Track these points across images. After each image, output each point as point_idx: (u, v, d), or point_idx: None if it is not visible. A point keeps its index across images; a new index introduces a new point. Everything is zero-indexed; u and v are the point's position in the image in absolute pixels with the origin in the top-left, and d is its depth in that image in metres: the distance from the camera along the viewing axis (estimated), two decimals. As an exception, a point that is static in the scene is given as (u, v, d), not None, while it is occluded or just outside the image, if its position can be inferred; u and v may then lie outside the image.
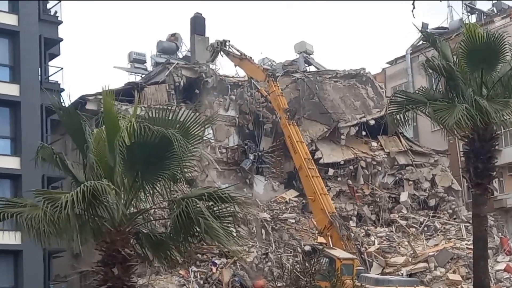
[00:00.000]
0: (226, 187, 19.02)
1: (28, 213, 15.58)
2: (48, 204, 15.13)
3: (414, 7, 16.99)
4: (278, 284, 30.11)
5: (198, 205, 15.67)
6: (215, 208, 16.26)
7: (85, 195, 14.88)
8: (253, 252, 36.05)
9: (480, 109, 20.59)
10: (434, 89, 22.85)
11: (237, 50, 44.70)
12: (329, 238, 34.80)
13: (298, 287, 20.46)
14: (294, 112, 42.42)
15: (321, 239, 35.40)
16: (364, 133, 46.89)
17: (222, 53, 44.94)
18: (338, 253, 32.02)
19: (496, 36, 21.06)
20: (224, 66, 46.43)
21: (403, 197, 45.03)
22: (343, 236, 35.05)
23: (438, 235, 41.74)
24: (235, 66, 45.19)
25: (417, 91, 23.23)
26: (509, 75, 21.32)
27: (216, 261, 34.67)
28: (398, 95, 22.87)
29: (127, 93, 39.68)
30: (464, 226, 41.85)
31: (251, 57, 44.40)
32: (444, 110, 21.00)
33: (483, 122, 20.94)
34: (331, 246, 34.34)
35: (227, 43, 44.92)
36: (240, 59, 44.25)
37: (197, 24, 48.48)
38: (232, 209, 16.45)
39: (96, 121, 17.28)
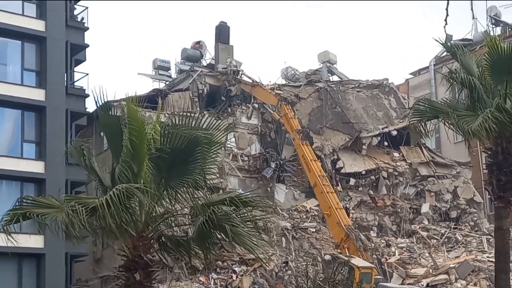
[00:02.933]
0: (246, 192, 19.03)
1: (53, 215, 15.71)
2: (81, 207, 15.19)
3: (446, 23, 17.01)
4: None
5: (223, 211, 15.75)
6: (237, 214, 16.32)
7: (120, 197, 15.02)
8: (273, 260, 36.09)
9: (505, 116, 20.52)
10: (457, 100, 22.78)
11: (249, 78, 45.35)
12: (346, 250, 34.88)
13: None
14: (306, 133, 43.01)
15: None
16: (386, 143, 46.85)
17: (233, 81, 45.47)
18: (357, 262, 32.09)
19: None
20: (248, 74, 46.68)
21: (425, 208, 44.89)
22: (359, 247, 35.10)
23: (459, 247, 41.52)
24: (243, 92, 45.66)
25: (440, 101, 23.15)
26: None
27: (236, 269, 34.76)
28: (421, 104, 22.82)
29: (151, 100, 40.03)
30: (486, 238, 41.60)
31: (262, 84, 44.93)
32: (467, 116, 20.97)
33: (509, 127, 20.86)
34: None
35: (239, 72, 45.55)
36: (252, 86, 44.96)
37: (222, 33, 48.74)
38: (253, 214, 16.54)
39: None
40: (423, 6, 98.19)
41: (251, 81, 45.44)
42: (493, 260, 23.65)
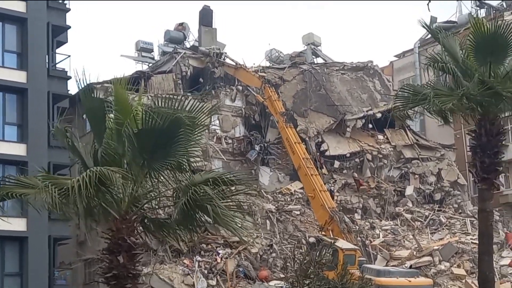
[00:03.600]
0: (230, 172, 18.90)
1: (35, 195, 15.53)
2: (54, 188, 15.08)
3: (429, 1, 17.00)
4: (286, 275, 30.12)
5: (206, 192, 15.63)
6: (220, 193, 16.20)
7: (92, 180, 14.86)
8: (258, 243, 36.10)
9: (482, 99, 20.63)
10: (441, 83, 22.77)
11: (232, 60, 45.18)
12: (330, 232, 34.97)
13: (307, 277, 20.47)
14: (290, 115, 42.93)
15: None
16: (370, 126, 46.85)
17: (217, 64, 45.23)
18: (341, 244, 32.22)
19: (503, 27, 20.89)
20: (231, 56, 46.50)
21: (409, 190, 45.02)
22: (343, 229, 35.21)
23: (443, 229, 41.75)
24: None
25: (424, 85, 23.16)
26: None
27: (220, 251, 34.73)
28: (405, 90, 22.79)
29: (134, 82, 39.77)
30: (469, 220, 41.85)
31: (245, 66, 44.72)
32: (443, 96, 21.02)
33: (491, 112, 20.97)
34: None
35: (222, 55, 45.35)
36: (235, 69, 44.76)
37: (205, 16, 48.54)
38: (237, 193, 16.45)
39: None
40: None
41: (234, 64, 45.25)
42: (477, 242, 23.77)
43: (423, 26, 23.46)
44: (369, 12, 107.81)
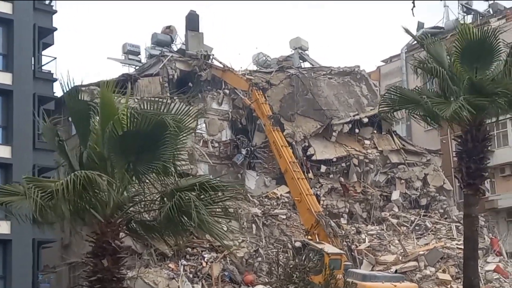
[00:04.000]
0: (216, 177, 18.87)
1: (19, 203, 15.44)
2: (38, 191, 14.98)
3: (414, 6, 16.96)
4: (270, 280, 30.09)
5: (190, 198, 15.55)
6: (206, 199, 16.13)
7: (76, 184, 14.77)
8: (243, 247, 36.02)
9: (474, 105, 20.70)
10: (428, 88, 22.86)
11: (220, 62, 45.12)
12: (316, 236, 34.96)
13: (292, 283, 20.45)
14: (278, 118, 42.88)
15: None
16: (357, 130, 46.89)
17: (204, 66, 45.08)
18: (327, 248, 32.21)
19: (489, 33, 21.01)
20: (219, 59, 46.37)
21: (395, 195, 45.11)
22: (329, 233, 35.20)
23: (428, 234, 41.82)
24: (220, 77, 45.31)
25: (414, 90, 23.21)
26: (504, 72, 21.29)
27: (205, 255, 34.61)
28: (392, 92, 22.81)
29: (121, 85, 39.59)
30: (455, 226, 41.97)
31: (233, 68, 44.67)
32: (441, 104, 21.07)
33: (478, 117, 21.06)
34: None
35: (210, 56, 45.25)
36: (223, 71, 44.62)
37: (191, 21, 48.46)
38: (224, 198, 16.37)
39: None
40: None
41: (222, 66, 45.16)
42: (462, 247, 23.85)
43: (409, 33, 23.55)
44: (356, 17, 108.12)
